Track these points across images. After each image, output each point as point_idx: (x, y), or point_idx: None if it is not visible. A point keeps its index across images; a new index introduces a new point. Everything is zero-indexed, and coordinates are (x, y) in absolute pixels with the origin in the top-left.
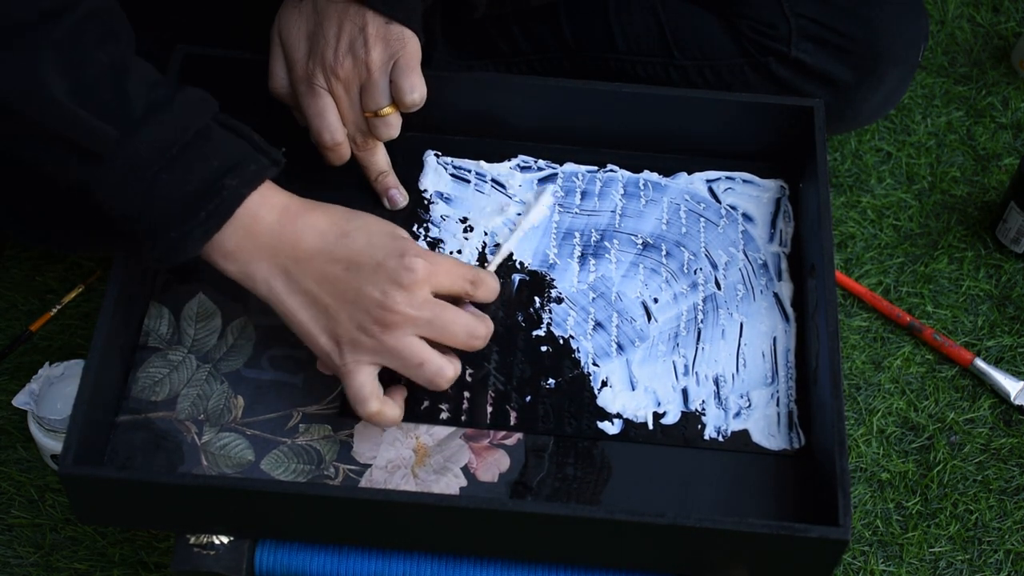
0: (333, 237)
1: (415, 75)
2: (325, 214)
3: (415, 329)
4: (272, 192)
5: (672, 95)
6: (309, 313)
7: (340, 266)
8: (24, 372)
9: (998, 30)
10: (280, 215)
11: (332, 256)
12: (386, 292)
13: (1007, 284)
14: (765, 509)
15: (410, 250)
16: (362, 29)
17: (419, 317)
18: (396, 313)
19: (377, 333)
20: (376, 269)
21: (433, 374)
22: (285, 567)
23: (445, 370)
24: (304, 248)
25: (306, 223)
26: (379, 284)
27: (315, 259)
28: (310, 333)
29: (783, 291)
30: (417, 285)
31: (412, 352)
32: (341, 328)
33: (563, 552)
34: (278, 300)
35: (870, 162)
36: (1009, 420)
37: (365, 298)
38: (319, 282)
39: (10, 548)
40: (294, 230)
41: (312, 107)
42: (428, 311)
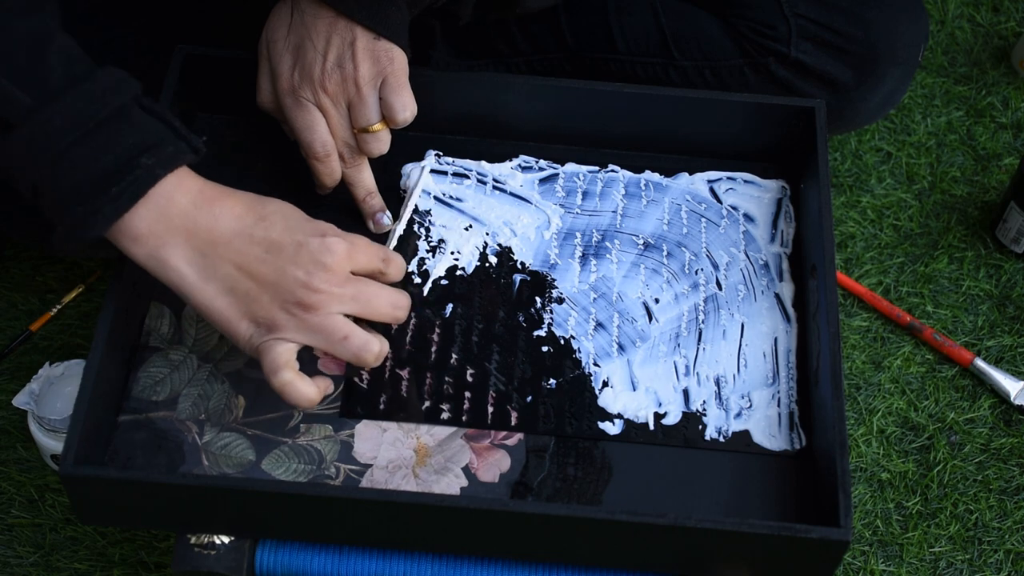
0: (251, 220)
1: (406, 93)
2: (240, 199)
3: (339, 307)
4: (188, 177)
5: (673, 95)
6: (227, 299)
7: (260, 248)
8: (24, 372)
9: (998, 30)
10: (195, 198)
11: (251, 239)
12: (310, 272)
13: (1007, 284)
14: (766, 509)
15: (329, 231)
16: (351, 44)
17: (343, 294)
18: (321, 292)
19: (299, 312)
20: (297, 250)
21: (358, 347)
22: (285, 567)
23: (370, 343)
24: (221, 232)
25: (223, 207)
26: (302, 264)
27: (233, 242)
28: (229, 319)
29: (784, 291)
30: (339, 264)
31: (336, 327)
32: (262, 310)
33: (564, 552)
34: (191, 287)
35: (870, 162)
36: (1009, 420)
37: (288, 279)
38: (238, 266)
39: (10, 548)
40: (210, 214)
41: (301, 120)
42: (351, 288)
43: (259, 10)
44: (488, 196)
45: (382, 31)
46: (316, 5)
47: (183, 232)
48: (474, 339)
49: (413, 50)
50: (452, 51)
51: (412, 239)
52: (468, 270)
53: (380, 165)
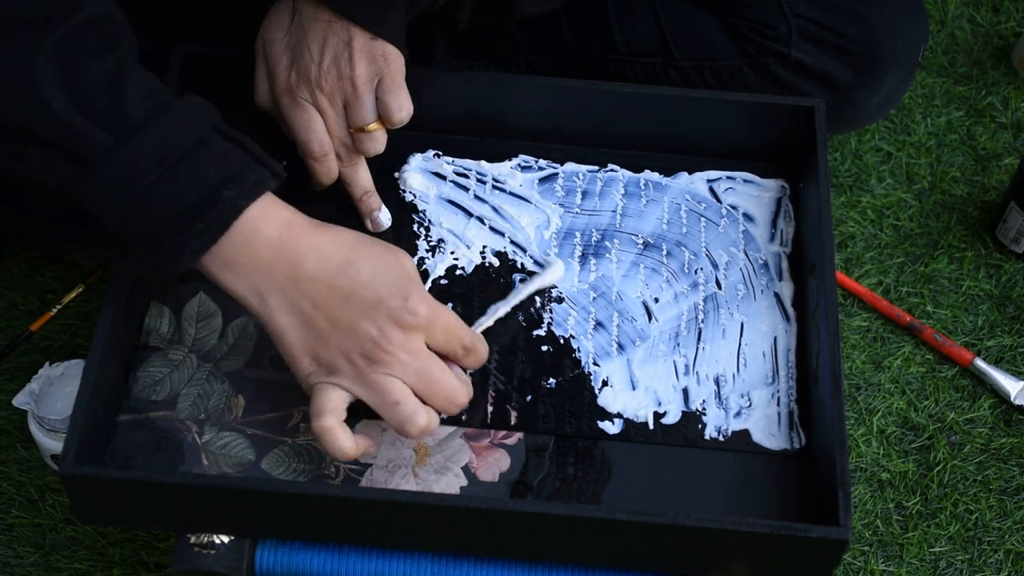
0: (337, 264)
1: (402, 93)
2: (331, 238)
3: (401, 373)
4: (273, 206)
5: (673, 95)
6: (299, 333)
7: (340, 294)
8: (24, 372)
9: (998, 30)
10: (281, 231)
11: (333, 283)
12: (383, 330)
13: (1007, 284)
14: (765, 509)
15: (414, 293)
16: (347, 44)
17: (408, 363)
18: (388, 353)
19: (362, 365)
20: (377, 305)
21: (405, 417)
22: (285, 567)
23: (418, 416)
24: (305, 269)
25: (310, 244)
26: (377, 320)
27: (315, 282)
28: (295, 353)
29: (784, 291)
30: (415, 330)
31: (391, 389)
32: (327, 353)
33: (563, 552)
34: (270, 317)
35: (870, 162)
36: (1009, 420)
37: (360, 331)
38: (315, 306)
39: (10, 548)
40: (296, 249)
41: (297, 120)
42: (419, 361)
43: (258, 10)
44: (488, 196)
45: (379, 31)
46: (314, 5)
47: (266, 264)
48: None
49: (414, 51)
50: (453, 51)
51: (411, 239)
52: (468, 270)
53: (377, 164)
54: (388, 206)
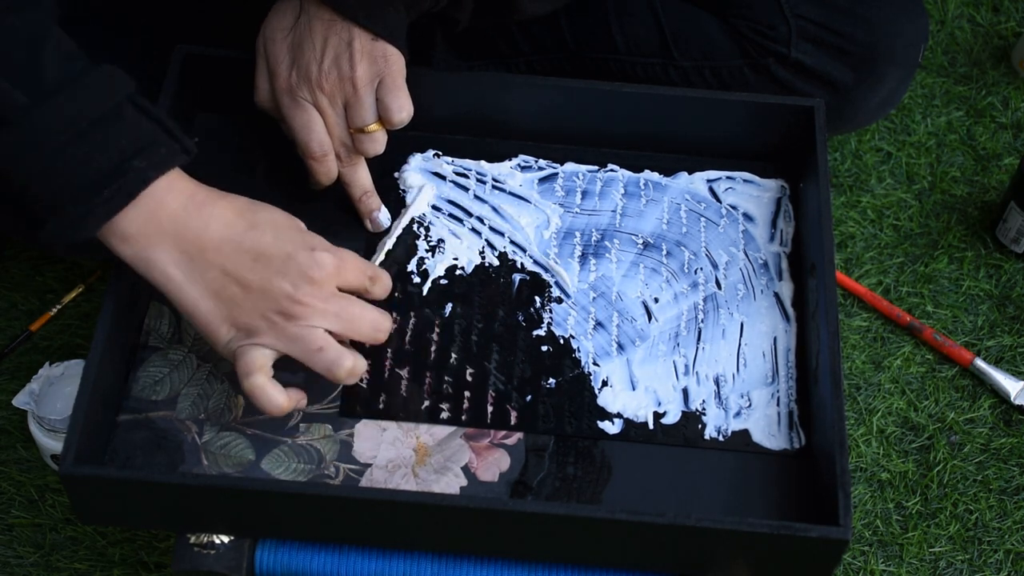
0: (241, 228)
1: (402, 94)
2: (231, 205)
3: (322, 321)
4: (179, 179)
5: (672, 95)
6: (211, 303)
7: (248, 256)
8: (24, 372)
9: (998, 30)
10: (186, 202)
11: (240, 247)
12: (296, 285)
13: (1007, 284)
14: (765, 509)
15: (319, 245)
16: (348, 44)
17: (327, 310)
18: (305, 305)
19: (280, 321)
20: (286, 261)
21: (331, 360)
22: (285, 567)
23: (343, 358)
24: (210, 237)
25: (212, 212)
26: (289, 276)
27: (221, 248)
28: (210, 322)
29: (783, 291)
30: (326, 279)
31: (312, 338)
32: (244, 316)
33: (563, 552)
34: (177, 288)
35: (870, 162)
36: (1009, 420)
37: (274, 289)
38: (225, 272)
39: (10, 548)
40: (200, 218)
41: (297, 119)
42: (335, 304)
43: (259, 10)
44: (487, 196)
45: (380, 32)
46: (315, 5)
47: (172, 235)
48: (473, 339)
49: (414, 51)
50: (453, 51)
51: (411, 239)
52: (467, 270)
53: (377, 165)
54: (388, 206)
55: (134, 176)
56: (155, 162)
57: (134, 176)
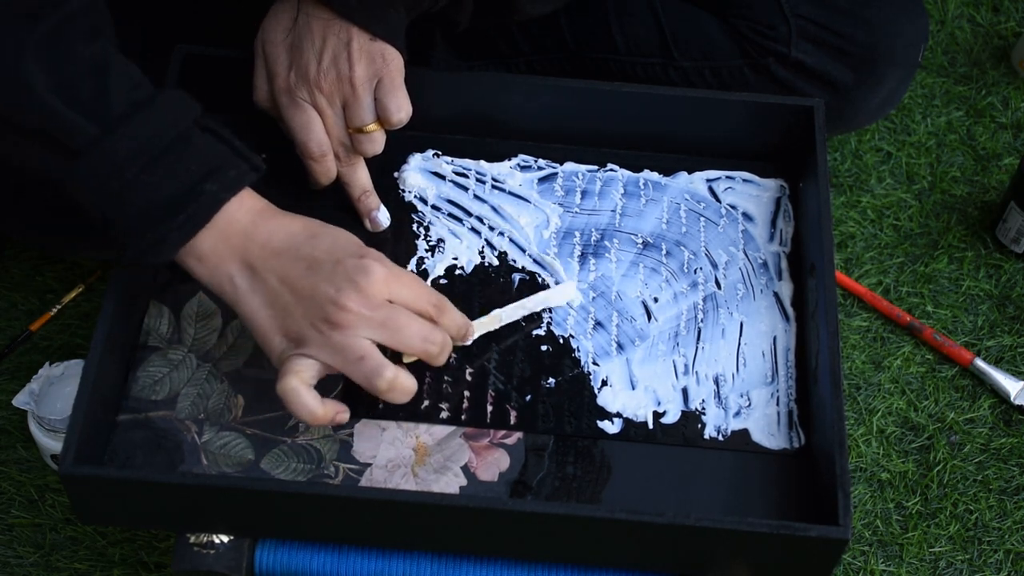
0: (302, 239)
1: (401, 94)
2: (298, 219)
3: (367, 330)
4: (249, 197)
5: (672, 95)
6: (268, 312)
7: (303, 264)
8: (24, 372)
9: (998, 30)
10: (254, 217)
11: (297, 255)
12: (340, 289)
13: (1007, 284)
14: (765, 508)
15: (370, 254)
16: (346, 44)
17: (372, 317)
18: (348, 312)
19: (326, 330)
20: (334, 267)
21: (371, 370)
22: (285, 566)
23: (384, 369)
24: (272, 247)
25: (279, 224)
26: (335, 281)
27: (281, 257)
28: (266, 332)
29: (783, 290)
30: (373, 286)
31: (354, 347)
32: (295, 325)
33: (563, 551)
34: (241, 299)
35: (870, 162)
36: (1009, 420)
37: (319, 294)
38: (281, 280)
39: (10, 548)
40: (266, 230)
41: (296, 120)
42: (382, 312)
43: (258, 10)
44: (487, 195)
45: (378, 32)
46: (313, 5)
47: (239, 249)
48: None
49: (414, 51)
50: (453, 51)
51: (411, 239)
52: (467, 270)
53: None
54: (388, 206)
55: (206, 200)
56: (226, 184)
57: (206, 200)
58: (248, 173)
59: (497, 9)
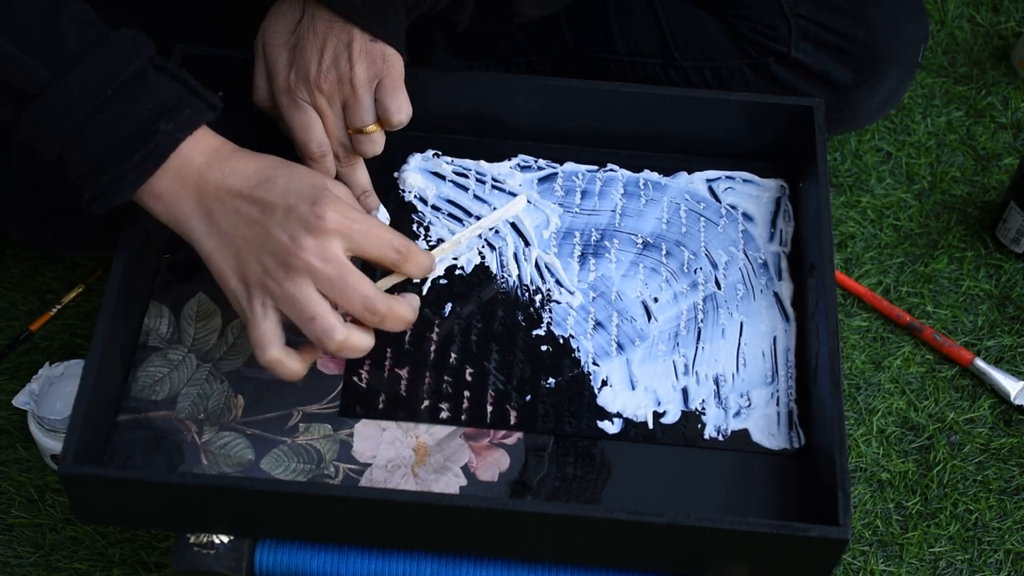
0: (256, 180)
1: (401, 95)
2: (254, 159)
3: (316, 281)
4: (205, 137)
5: (672, 95)
6: (223, 255)
7: (256, 208)
8: (24, 372)
9: (998, 30)
10: (209, 157)
11: (251, 197)
12: (294, 236)
13: (1007, 284)
14: (765, 508)
15: (324, 198)
16: (347, 45)
17: (322, 270)
18: (300, 259)
19: (281, 278)
20: (287, 212)
21: (321, 331)
22: (285, 566)
23: (334, 332)
24: (227, 189)
25: (234, 166)
26: (288, 227)
27: (235, 199)
28: (223, 274)
29: (783, 290)
30: (326, 234)
31: (307, 303)
32: (249, 271)
33: (563, 552)
34: (198, 241)
35: (870, 162)
36: (1009, 420)
37: (272, 239)
38: (235, 223)
39: (10, 548)
40: (221, 172)
41: (296, 120)
42: (333, 267)
43: (257, 9)
44: (487, 195)
45: (379, 33)
46: (315, 5)
47: (194, 189)
48: (473, 338)
49: (414, 52)
50: (453, 51)
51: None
52: (467, 269)
53: (377, 164)
54: (388, 206)
55: (162, 139)
56: (181, 123)
57: (162, 139)
58: (204, 111)
59: (497, 11)
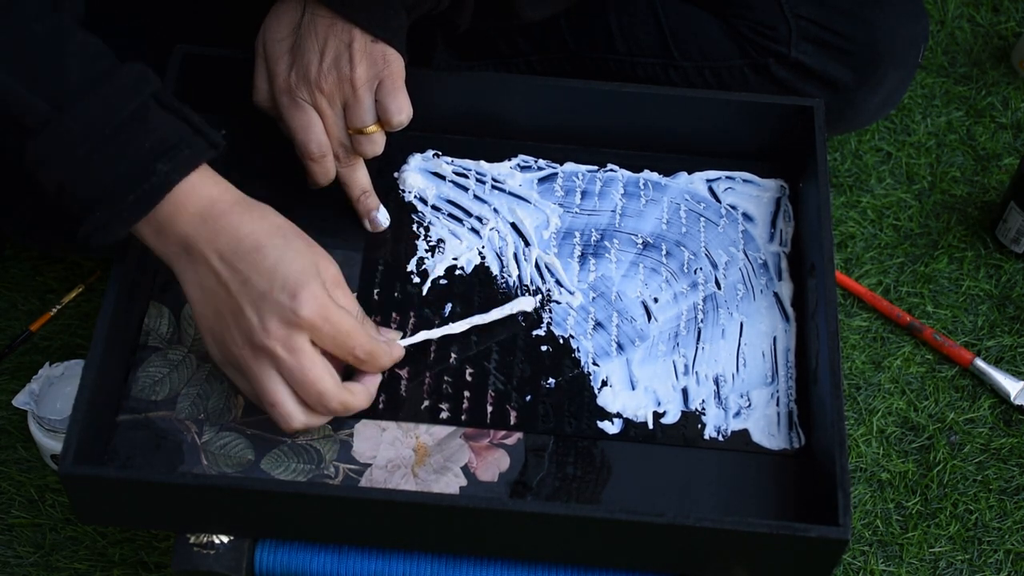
0: (246, 247)
1: (401, 95)
2: (249, 220)
3: (278, 368)
4: (203, 182)
5: (672, 95)
6: (201, 307)
7: (240, 278)
8: (24, 372)
9: (998, 30)
10: (204, 208)
11: (236, 266)
12: (264, 321)
13: (1007, 284)
14: (765, 509)
15: (305, 291)
16: (348, 45)
17: (284, 359)
18: (265, 345)
19: (246, 355)
20: (264, 296)
21: (280, 417)
22: (285, 567)
23: (293, 419)
24: (217, 244)
25: (227, 224)
26: (261, 311)
27: (222, 262)
28: (201, 327)
29: (783, 291)
30: (297, 328)
31: (268, 389)
32: (220, 332)
33: (563, 552)
34: (182, 284)
35: (870, 162)
36: (1009, 420)
37: (244, 318)
38: (214, 285)
39: (10, 548)
40: (214, 228)
41: (296, 120)
42: (295, 359)
43: (257, 9)
44: (487, 196)
45: (380, 33)
46: (316, 6)
47: (185, 237)
48: (473, 338)
49: (414, 53)
50: (453, 51)
51: (411, 239)
52: (467, 270)
53: (377, 165)
54: (388, 206)
55: (158, 181)
56: (178, 164)
57: (158, 181)
58: (204, 151)
59: (497, 13)
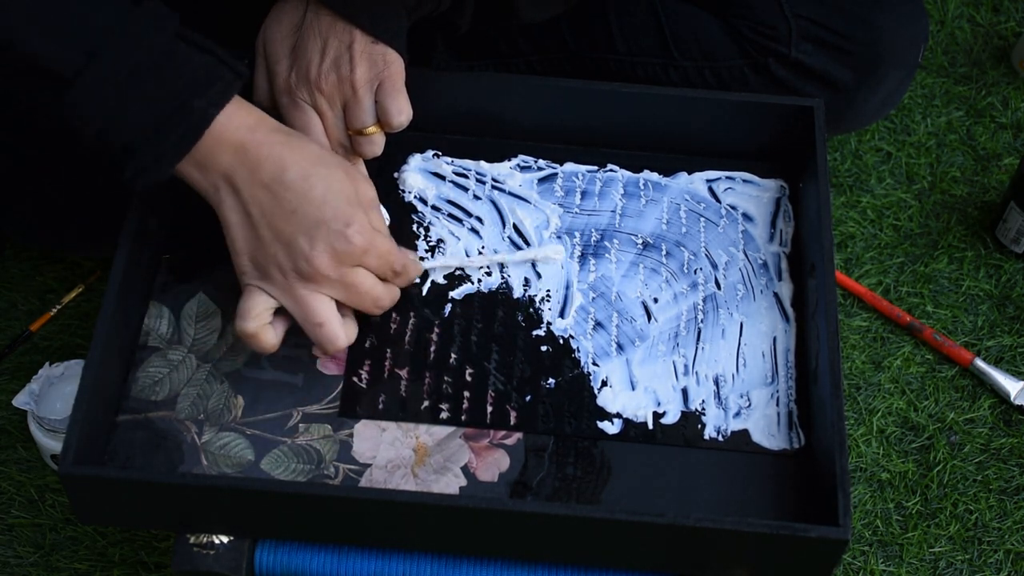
0: (292, 177)
1: (401, 97)
2: (294, 149)
3: (328, 290)
4: (240, 110)
5: (672, 95)
6: (242, 231)
7: (288, 207)
8: (24, 372)
9: (998, 30)
10: (245, 136)
11: (283, 195)
12: (317, 251)
13: (1007, 284)
14: (765, 509)
15: (357, 222)
16: (348, 47)
17: (336, 281)
18: (319, 273)
19: (293, 279)
20: (317, 225)
21: (327, 338)
22: (285, 567)
23: (338, 339)
24: (259, 178)
25: (271, 153)
26: (314, 240)
27: (267, 191)
28: (236, 249)
29: (783, 291)
30: (349, 257)
31: (317, 310)
32: (263, 259)
33: (563, 552)
34: (222, 211)
35: (870, 162)
36: (1009, 420)
37: (296, 247)
38: (263, 213)
39: (10, 548)
40: (257, 156)
41: (296, 120)
42: (347, 276)
43: (258, 9)
44: (487, 196)
45: (380, 35)
46: (316, 6)
47: (228, 166)
48: (473, 339)
49: (414, 53)
50: (453, 52)
51: (411, 239)
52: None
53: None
54: (388, 206)
55: (197, 117)
56: (213, 98)
57: (197, 117)
58: (233, 82)
59: (498, 14)
